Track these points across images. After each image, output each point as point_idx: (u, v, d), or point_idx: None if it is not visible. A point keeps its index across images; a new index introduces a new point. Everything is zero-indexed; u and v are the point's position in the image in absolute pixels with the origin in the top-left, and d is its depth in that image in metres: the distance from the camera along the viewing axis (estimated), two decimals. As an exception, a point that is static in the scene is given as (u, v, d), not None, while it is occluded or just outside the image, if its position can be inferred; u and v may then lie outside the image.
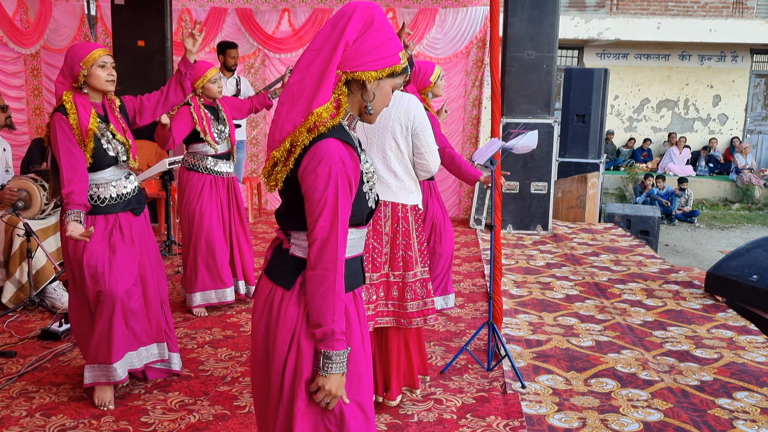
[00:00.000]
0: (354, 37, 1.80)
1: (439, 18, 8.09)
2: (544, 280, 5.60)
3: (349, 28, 1.79)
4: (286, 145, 1.81)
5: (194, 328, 4.30)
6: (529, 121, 6.89)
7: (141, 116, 3.40)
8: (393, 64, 1.84)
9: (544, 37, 7.07)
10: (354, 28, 1.79)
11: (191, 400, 3.28)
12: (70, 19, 8.09)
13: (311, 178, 1.76)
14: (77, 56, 3.11)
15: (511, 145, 3.59)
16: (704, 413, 3.27)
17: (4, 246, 4.61)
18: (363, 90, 1.85)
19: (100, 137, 3.15)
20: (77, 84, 3.14)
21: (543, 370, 3.74)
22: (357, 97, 1.87)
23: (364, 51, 1.81)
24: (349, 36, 1.79)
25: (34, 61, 7.95)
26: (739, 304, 5.04)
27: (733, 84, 15.54)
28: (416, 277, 3.11)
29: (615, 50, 15.35)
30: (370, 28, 1.81)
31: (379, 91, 1.86)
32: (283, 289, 1.86)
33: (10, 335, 4.07)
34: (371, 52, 1.81)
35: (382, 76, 1.84)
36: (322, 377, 1.80)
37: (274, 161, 1.84)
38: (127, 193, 3.29)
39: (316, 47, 1.83)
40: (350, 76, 1.82)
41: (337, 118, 1.82)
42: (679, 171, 14.40)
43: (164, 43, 7.18)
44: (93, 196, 3.19)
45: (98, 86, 3.16)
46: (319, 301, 1.77)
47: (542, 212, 7.32)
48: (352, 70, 1.81)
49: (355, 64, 1.81)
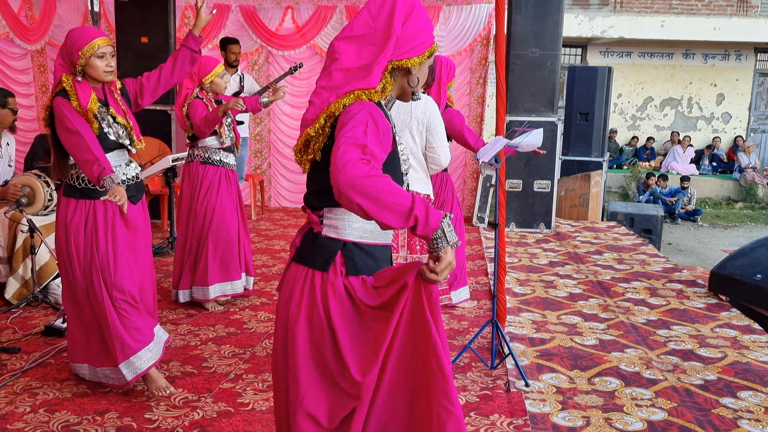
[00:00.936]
0: (400, 26, 1.82)
1: (443, 15, 8.07)
2: (547, 279, 5.59)
3: (397, 19, 1.81)
4: (321, 121, 1.82)
5: (197, 324, 4.30)
6: (533, 119, 6.87)
7: (142, 97, 3.38)
8: (431, 45, 1.89)
9: (548, 35, 7.06)
10: (400, 18, 1.81)
11: (195, 396, 3.28)
12: (73, 16, 8.09)
13: (345, 118, 1.75)
14: (76, 44, 3.06)
15: (516, 144, 3.58)
16: (708, 412, 3.26)
17: (8, 242, 4.61)
18: (408, 75, 1.88)
19: (100, 120, 3.12)
20: (75, 70, 3.10)
21: (546, 368, 3.73)
22: (399, 82, 1.90)
23: (408, 38, 1.84)
24: (398, 27, 1.81)
25: (40, 57, 7.95)
26: (743, 303, 5.03)
27: (736, 83, 15.50)
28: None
29: (619, 48, 15.32)
30: (412, 13, 1.84)
31: (420, 74, 1.92)
32: (322, 272, 1.85)
33: (14, 331, 4.07)
34: (414, 38, 1.84)
35: (424, 60, 1.88)
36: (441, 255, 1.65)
37: (307, 138, 1.85)
38: (126, 179, 3.25)
39: (355, 34, 1.83)
40: (396, 64, 1.85)
41: (382, 96, 1.85)
42: (682, 170, 14.37)
43: (167, 39, 7.18)
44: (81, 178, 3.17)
45: (96, 77, 3.13)
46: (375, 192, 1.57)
47: (545, 210, 7.31)
48: (398, 59, 1.84)
49: (400, 52, 1.84)
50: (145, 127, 7.48)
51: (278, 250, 6.35)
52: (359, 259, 1.87)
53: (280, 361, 1.97)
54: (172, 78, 3.39)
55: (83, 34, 3.10)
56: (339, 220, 1.86)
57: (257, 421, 3.04)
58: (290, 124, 8.44)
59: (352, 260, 1.86)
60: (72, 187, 3.19)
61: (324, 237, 1.88)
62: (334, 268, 1.85)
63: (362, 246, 1.88)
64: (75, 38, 3.08)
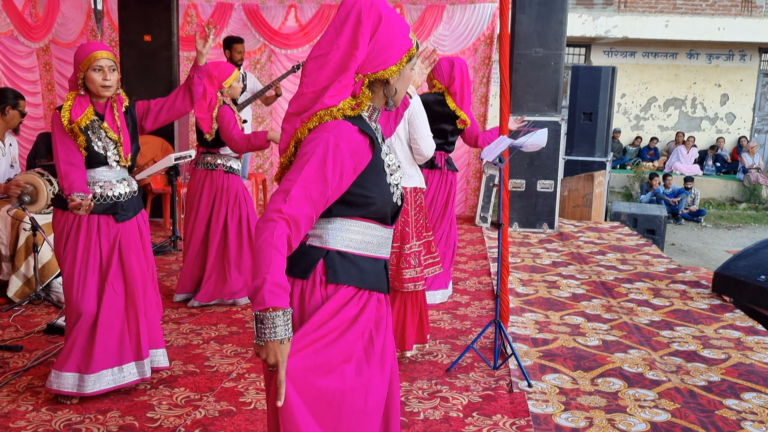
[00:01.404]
0: (367, 41, 1.75)
1: (447, 14, 8.06)
2: (550, 279, 5.58)
3: (362, 34, 1.74)
4: (291, 149, 1.81)
5: (200, 324, 4.29)
6: (537, 118, 6.85)
7: (146, 120, 3.37)
8: (408, 49, 1.82)
9: (552, 34, 7.04)
10: (366, 31, 1.75)
11: (197, 396, 3.28)
12: (77, 14, 8.09)
13: (303, 148, 1.73)
14: (78, 57, 3.09)
15: (521, 144, 3.57)
16: (712, 414, 3.25)
17: (10, 240, 4.61)
18: (386, 86, 1.83)
19: (89, 132, 3.11)
20: (77, 86, 3.12)
21: (549, 369, 3.72)
22: (380, 93, 1.85)
23: (379, 50, 1.77)
24: (363, 41, 1.74)
25: (45, 55, 7.96)
26: (746, 304, 5.01)
27: (741, 83, 15.46)
28: (411, 249, 3.59)
29: (622, 48, 15.28)
30: (380, 25, 1.76)
31: (401, 79, 1.85)
32: (302, 280, 1.79)
33: (16, 329, 4.07)
34: (387, 48, 1.78)
35: (403, 66, 1.82)
36: (257, 346, 1.62)
37: (282, 167, 1.83)
38: (112, 196, 3.20)
39: (320, 53, 1.78)
40: (372, 77, 1.80)
41: (357, 111, 1.80)
42: (686, 170, 14.33)
43: (170, 38, 7.18)
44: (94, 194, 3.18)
45: (94, 90, 3.12)
46: (256, 252, 1.61)
47: (548, 210, 7.30)
48: (373, 71, 1.79)
49: (373, 65, 1.78)
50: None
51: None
52: (340, 267, 1.80)
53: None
54: (173, 108, 3.39)
55: (85, 48, 3.11)
56: (322, 229, 1.81)
57: (259, 420, 3.03)
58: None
59: (333, 268, 1.79)
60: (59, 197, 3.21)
61: (308, 246, 1.82)
62: (313, 277, 1.79)
63: (347, 255, 1.82)
64: (78, 52, 3.11)
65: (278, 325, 1.59)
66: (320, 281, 1.79)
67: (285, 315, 1.60)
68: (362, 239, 1.84)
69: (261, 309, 1.59)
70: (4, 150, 4.80)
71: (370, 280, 1.85)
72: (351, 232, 1.82)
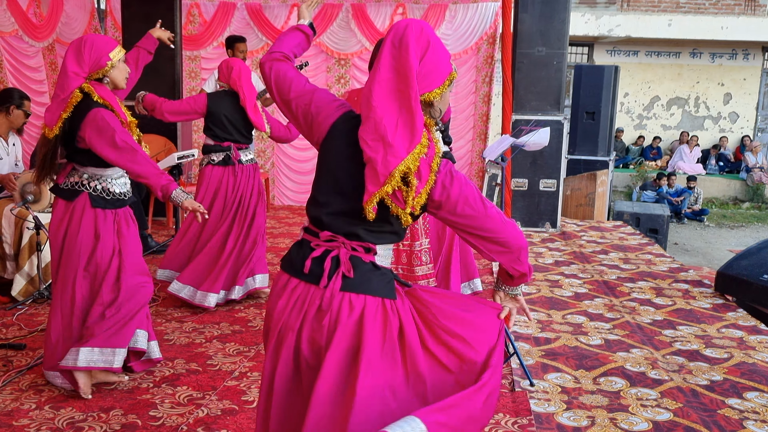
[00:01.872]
0: (418, 63, 1.84)
1: (450, 14, 8.07)
2: (552, 278, 5.58)
3: (412, 57, 1.83)
4: (397, 178, 1.82)
5: (202, 322, 4.30)
6: (539, 118, 6.85)
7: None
8: (450, 73, 1.91)
9: (555, 33, 7.03)
10: (416, 56, 1.84)
11: (200, 394, 3.28)
12: (80, 13, 8.12)
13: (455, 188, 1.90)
14: (104, 48, 3.10)
15: (523, 142, 3.58)
16: (714, 413, 3.25)
17: (14, 239, 4.63)
18: (430, 108, 1.92)
19: None
20: (97, 75, 3.12)
21: (552, 368, 3.73)
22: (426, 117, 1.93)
23: (427, 73, 1.86)
24: (415, 65, 1.83)
25: (51, 54, 7.99)
26: (749, 303, 5.00)
27: (744, 82, 15.43)
28: (422, 246, 3.69)
29: (625, 47, 15.26)
30: (428, 49, 1.86)
31: (443, 102, 1.94)
32: (391, 300, 1.94)
33: (20, 328, 4.08)
34: (433, 71, 1.87)
35: (446, 89, 1.91)
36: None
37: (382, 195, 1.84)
38: (129, 190, 3.33)
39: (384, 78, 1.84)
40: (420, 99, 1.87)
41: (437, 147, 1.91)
42: (689, 170, 14.31)
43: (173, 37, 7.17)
44: (105, 189, 3.20)
45: (119, 82, 3.20)
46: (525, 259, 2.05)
47: (551, 210, 7.29)
48: (420, 94, 1.86)
49: (422, 86, 1.86)
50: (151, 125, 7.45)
51: (283, 248, 6.35)
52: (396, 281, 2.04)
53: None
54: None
55: (107, 39, 3.16)
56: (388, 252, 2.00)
57: (261, 419, 3.04)
58: (293, 124, 8.45)
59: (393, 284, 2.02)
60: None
61: (379, 267, 1.96)
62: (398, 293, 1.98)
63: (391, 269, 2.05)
64: (101, 44, 3.11)
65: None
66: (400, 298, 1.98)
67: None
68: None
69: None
70: (8, 149, 4.81)
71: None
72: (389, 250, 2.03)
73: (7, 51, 7.51)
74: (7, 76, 7.59)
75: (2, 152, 4.77)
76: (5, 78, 7.59)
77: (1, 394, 3.21)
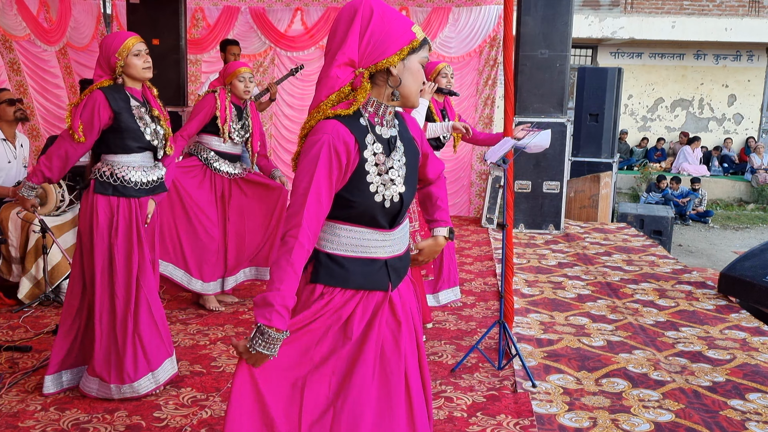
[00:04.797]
0: (357, 35, 1.83)
1: (453, 17, 8.09)
2: (555, 280, 5.59)
3: (352, 30, 1.82)
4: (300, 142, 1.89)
5: (207, 324, 4.33)
6: (542, 120, 6.87)
7: None
8: (410, 40, 1.85)
9: (558, 35, 7.04)
10: (356, 27, 1.82)
11: (203, 396, 3.31)
12: (88, 18, 8.19)
13: (306, 144, 1.84)
14: (111, 47, 3.14)
15: (524, 144, 3.59)
16: (716, 414, 3.25)
17: (20, 242, 4.67)
18: (389, 76, 1.86)
19: (137, 119, 3.20)
20: (115, 75, 3.17)
21: (554, 369, 3.74)
22: (384, 86, 1.89)
23: (376, 42, 1.83)
24: (351, 37, 1.82)
25: (64, 58, 8.06)
26: (752, 305, 5.00)
27: (748, 83, 15.40)
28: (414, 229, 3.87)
29: (629, 49, 15.26)
30: (372, 18, 1.82)
31: (407, 72, 1.87)
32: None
33: (26, 330, 4.12)
34: (384, 39, 1.83)
35: (404, 56, 1.85)
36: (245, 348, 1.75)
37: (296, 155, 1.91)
38: (153, 180, 3.33)
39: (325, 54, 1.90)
40: (373, 69, 1.85)
41: (350, 109, 1.85)
42: (693, 171, 14.29)
43: (178, 41, 7.24)
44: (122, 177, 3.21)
45: (136, 75, 3.20)
46: (273, 268, 1.75)
47: (554, 211, 7.30)
48: (372, 63, 1.84)
49: (372, 57, 1.83)
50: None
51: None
52: (324, 269, 1.90)
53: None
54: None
55: (116, 37, 3.20)
56: (322, 232, 1.91)
57: (265, 420, 3.06)
58: (291, 128, 8.49)
59: (317, 269, 1.90)
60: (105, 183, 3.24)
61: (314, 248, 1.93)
62: (304, 276, 1.89)
63: (334, 257, 1.90)
64: (108, 43, 3.16)
65: (275, 344, 1.73)
66: (305, 279, 1.89)
67: (283, 336, 1.74)
68: (350, 242, 1.91)
69: (266, 324, 1.71)
70: (15, 152, 4.85)
71: (356, 281, 1.90)
72: (338, 236, 1.91)
73: (23, 55, 7.61)
74: (25, 79, 7.68)
75: (10, 156, 4.81)
76: (24, 81, 7.68)
77: (7, 396, 3.24)
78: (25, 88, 7.67)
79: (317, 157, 1.78)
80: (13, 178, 4.77)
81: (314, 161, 1.78)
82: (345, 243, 1.91)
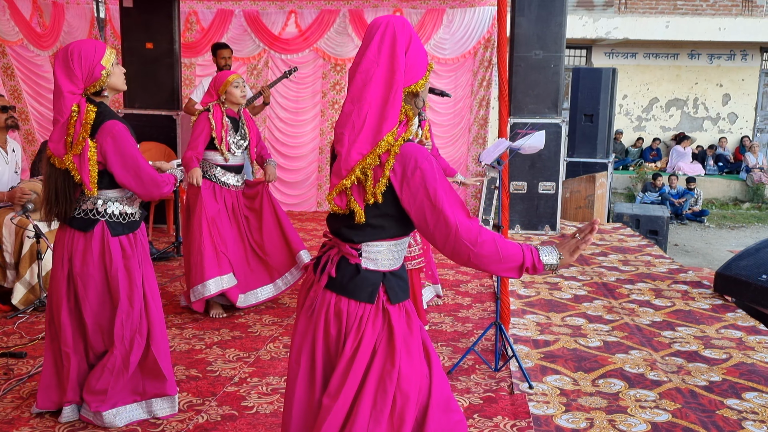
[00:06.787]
0: (404, 56, 1.90)
1: (447, 18, 8.09)
2: (551, 281, 5.59)
3: (399, 50, 1.89)
4: (357, 173, 1.88)
5: (202, 329, 4.31)
6: (537, 121, 6.87)
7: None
8: (428, 63, 1.99)
9: (552, 36, 7.05)
10: (402, 49, 1.90)
11: (199, 400, 3.30)
12: (81, 22, 8.17)
13: (417, 174, 1.86)
14: (95, 58, 2.83)
15: (519, 146, 3.59)
16: (713, 414, 3.25)
17: (15, 248, 4.64)
18: (415, 98, 1.97)
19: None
20: (94, 89, 2.88)
21: (550, 370, 3.73)
22: (410, 107, 1.98)
23: (412, 65, 1.92)
24: (401, 58, 1.89)
25: None
26: (748, 304, 5.01)
27: (742, 83, 15.45)
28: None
29: (623, 49, 15.29)
30: (411, 42, 1.92)
31: (425, 92, 2.01)
32: (366, 303, 1.95)
33: (21, 336, 4.10)
34: (417, 63, 1.93)
35: (427, 80, 1.98)
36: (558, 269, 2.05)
37: (342, 189, 1.91)
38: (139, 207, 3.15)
39: (362, 70, 1.90)
40: (406, 91, 1.94)
41: (407, 134, 1.93)
42: (689, 170, 14.32)
43: (172, 45, 7.22)
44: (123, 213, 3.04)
45: (119, 86, 2.97)
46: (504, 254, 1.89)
47: (550, 212, 7.30)
48: (407, 86, 1.93)
49: (407, 79, 1.92)
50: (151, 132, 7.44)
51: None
52: (397, 286, 2.01)
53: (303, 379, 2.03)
54: None
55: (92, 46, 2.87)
56: (378, 253, 1.96)
57: (261, 424, 3.05)
58: (285, 130, 8.49)
59: (393, 289, 1.99)
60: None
61: (365, 270, 1.96)
62: (378, 300, 1.96)
63: (395, 273, 2.02)
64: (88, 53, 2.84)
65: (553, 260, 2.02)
66: (383, 302, 1.96)
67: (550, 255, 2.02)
68: (400, 255, 2.03)
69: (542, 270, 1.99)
70: (7, 158, 4.83)
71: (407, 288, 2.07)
72: (395, 252, 2.00)
73: (17, 59, 7.59)
74: (19, 84, 7.67)
75: (1, 161, 4.79)
76: (18, 86, 7.66)
77: (2, 402, 3.23)
78: (19, 92, 7.65)
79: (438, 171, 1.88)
80: (6, 184, 4.74)
81: (441, 174, 1.88)
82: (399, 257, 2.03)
